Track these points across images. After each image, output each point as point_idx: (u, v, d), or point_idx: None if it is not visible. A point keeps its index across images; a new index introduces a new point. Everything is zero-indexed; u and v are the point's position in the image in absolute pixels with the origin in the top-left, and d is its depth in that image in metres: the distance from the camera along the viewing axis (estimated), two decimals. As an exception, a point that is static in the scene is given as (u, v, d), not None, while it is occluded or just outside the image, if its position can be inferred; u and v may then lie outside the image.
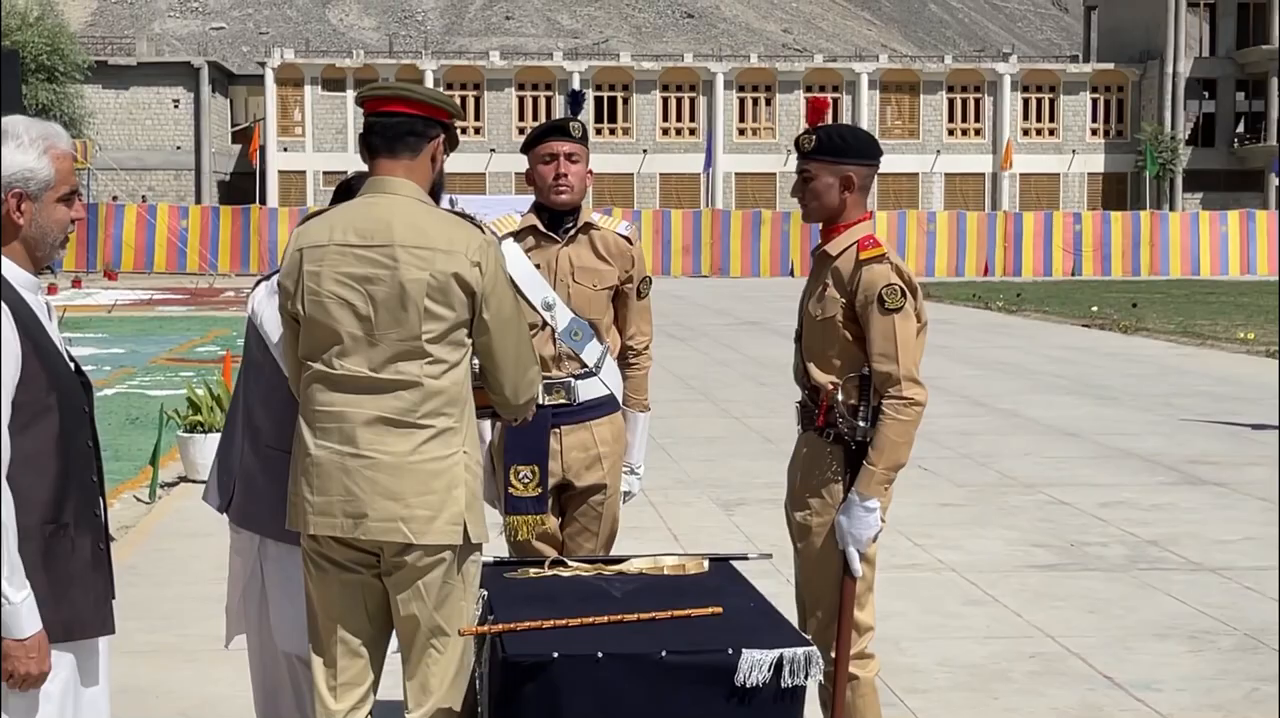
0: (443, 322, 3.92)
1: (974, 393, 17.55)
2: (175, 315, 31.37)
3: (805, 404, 4.76)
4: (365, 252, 3.95)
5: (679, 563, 4.66)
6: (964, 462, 12.50)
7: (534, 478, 5.24)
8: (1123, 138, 74.95)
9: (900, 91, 74.81)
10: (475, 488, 4.01)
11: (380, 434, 3.94)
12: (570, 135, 5.29)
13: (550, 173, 5.27)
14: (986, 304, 35.65)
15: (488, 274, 3.95)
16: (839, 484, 4.66)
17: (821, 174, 4.68)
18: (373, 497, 3.94)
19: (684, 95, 73.71)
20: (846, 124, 4.98)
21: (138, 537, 9.49)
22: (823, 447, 4.68)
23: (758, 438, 13.39)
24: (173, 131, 72.32)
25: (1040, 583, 8.29)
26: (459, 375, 3.98)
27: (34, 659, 3.37)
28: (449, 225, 3.98)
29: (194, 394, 11.41)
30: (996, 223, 56.38)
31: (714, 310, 33.96)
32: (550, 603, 4.19)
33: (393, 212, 3.98)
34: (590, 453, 5.33)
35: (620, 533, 5.64)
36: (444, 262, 3.91)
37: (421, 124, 4.04)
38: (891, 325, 4.56)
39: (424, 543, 3.95)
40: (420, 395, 3.94)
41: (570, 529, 5.40)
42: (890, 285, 4.55)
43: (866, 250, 4.62)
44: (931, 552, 9.02)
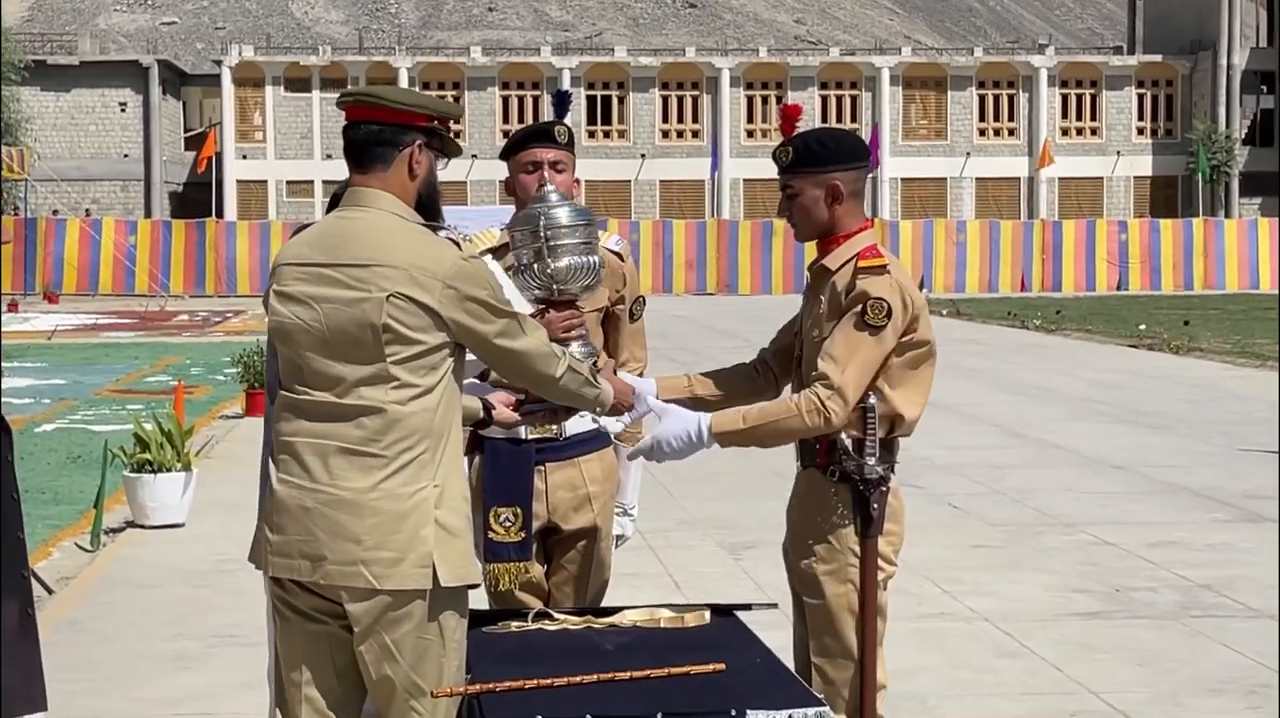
0: (411, 345, 3.97)
1: (1008, 422, 17.58)
2: (123, 342, 31.40)
3: (804, 439, 4.76)
4: (329, 270, 4.03)
5: (677, 615, 4.67)
6: (997, 498, 12.51)
7: (516, 521, 5.25)
8: (1172, 137, 75.11)
9: (925, 88, 75.00)
10: (454, 525, 4.01)
11: (341, 467, 3.98)
12: (555, 141, 5.31)
13: (533, 183, 5.28)
14: (1023, 323, 35.69)
15: (464, 296, 3.99)
16: (848, 528, 4.68)
17: (806, 188, 4.71)
18: (332, 537, 3.97)
19: (686, 94, 73.87)
20: (824, 127, 5.01)
21: (79, 589, 9.49)
22: (826, 486, 4.70)
23: (769, 473, 13.37)
24: (119, 138, 72.46)
25: (1082, 633, 8.29)
26: (431, 402, 4.00)
27: None
28: (422, 243, 4.02)
29: (141, 430, 11.42)
30: (1033, 232, 56.48)
31: (720, 332, 34.01)
32: (534, 661, 4.19)
33: (363, 228, 4.06)
34: (579, 493, 5.34)
35: (614, 581, 5.65)
36: (409, 282, 3.96)
37: (391, 131, 4.09)
38: (859, 341, 4.57)
39: (388, 588, 3.95)
40: (383, 423, 3.97)
41: (557, 578, 5.41)
42: (878, 301, 4.57)
43: (866, 260, 4.65)
44: (961, 599, 9.02)
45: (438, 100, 4.22)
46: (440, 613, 4.02)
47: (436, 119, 4.15)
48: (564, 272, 4.65)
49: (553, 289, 4.68)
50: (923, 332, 4.69)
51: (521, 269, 4.70)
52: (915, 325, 4.66)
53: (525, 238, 4.69)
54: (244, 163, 70.86)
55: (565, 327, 4.68)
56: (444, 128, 4.15)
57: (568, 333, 4.68)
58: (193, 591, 9.42)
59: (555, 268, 4.64)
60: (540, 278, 4.67)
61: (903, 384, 4.68)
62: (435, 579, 3.96)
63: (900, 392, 4.67)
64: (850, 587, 4.69)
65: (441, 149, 4.16)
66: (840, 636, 4.71)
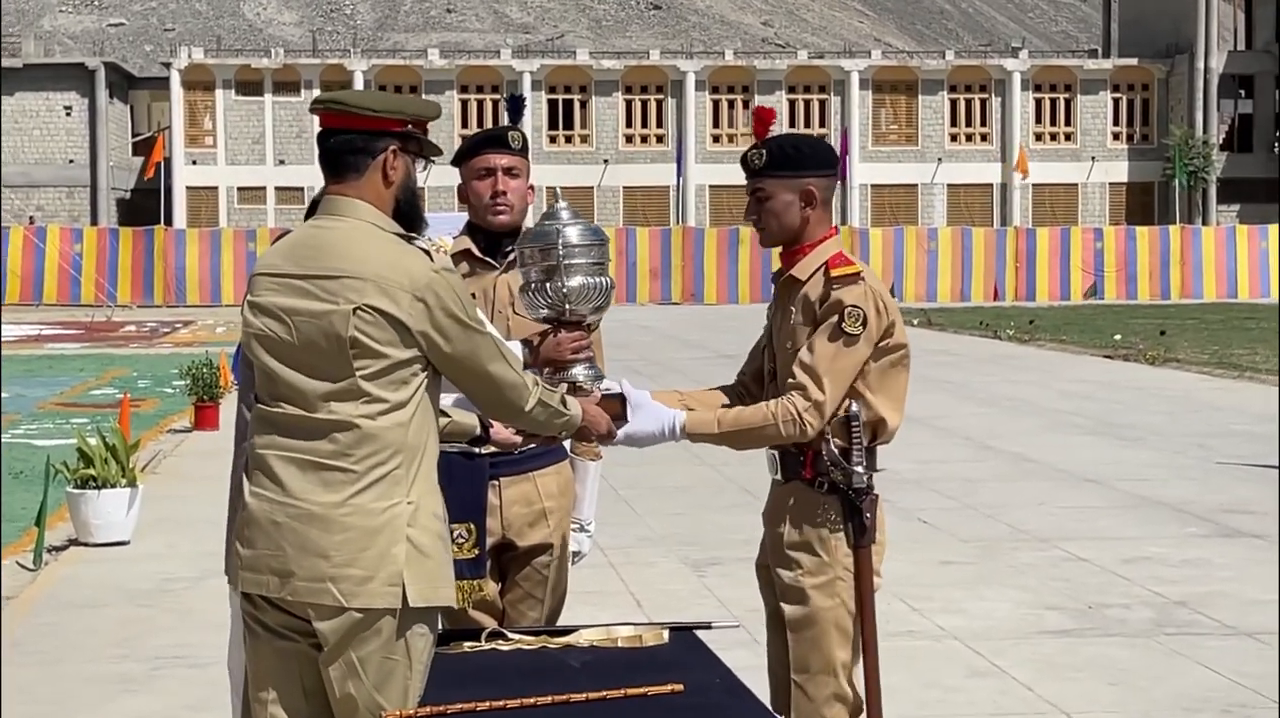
0: (380, 359, 3.97)
1: (980, 435, 17.62)
2: (68, 354, 31.29)
3: (786, 451, 4.79)
4: (300, 281, 4.04)
5: (635, 634, 4.66)
6: (968, 513, 12.54)
7: (470, 537, 5.23)
8: (1148, 143, 75.49)
9: (896, 92, 75.24)
10: (426, 544, 4.01)
11: (312, 482, 3.99)
12: (509, 147, 5.32)
13: (486, 190, 5.29)
14: (995, 333, 35.81)
15: (435, 309, 3.99)
16: (838, 538, 4.71)
17: (779, 191, 4.75)
18: (300, 553, 3.97)
19: (650, 98, 73.94)
20: (796, 133, 5.07)
21: (21, 609, 9.44)
22: (815, 497, 4.72)
23: (734, 488, 13.40)
24: (64, 143, 72.17)
25: (1054, 651, 8.31)
26: (404, 417, 4.00)
27: None
28: (392, 253, 4.02)
29: (85, 444, 11.37)
30: (1006, 240, 56.73)
31: (685, 343, 34.04)
32: (487, 682, 4.18)
33: (335, 237, 4.07)
34: (534, 508, 5.33)
35: (573, 599, 5.66)
36: (377, 293, 3.96)
37: (364, 139, 4.09)
38: (835, 352, 4.63)
39: (356, 607, 3.95)
40: (354, 438, 3.98)
41: (512, 596, 5.40)
42: (854, 309, 4.62)
43: (838, 268, 4.69)
44: (931, 617, 9.04)
45: (413, 101, 4.20)
46: (408, 633, 4.02)
47: (411, 122, 4.13)
48: (576, 292, 4.66)
49: (563, 309, 4.69)
50: (898, 336, 4.76)
51: (531, 288, 4.70)
52: (891, 330, 4.72)
53: (535, 256, 4.68)
54: (194, 168, 70.65)
55: (574, 348, 4.70)
56: (420, 130, 4.14)
57: (576, 354, 4.71)
58: (138, 610, 9.38)
59: (568, 288, 4.65)
60: (551, 297, 4.67)
61: (883, 390, 4.74)
62: (405, 599, 3.97)
63: (881, 397, 4.73)
64: (839, 600, 4.72)
65: (419, 152, 4.15)
66: (824, 651, 4.74)
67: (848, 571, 4.71)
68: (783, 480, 4.83)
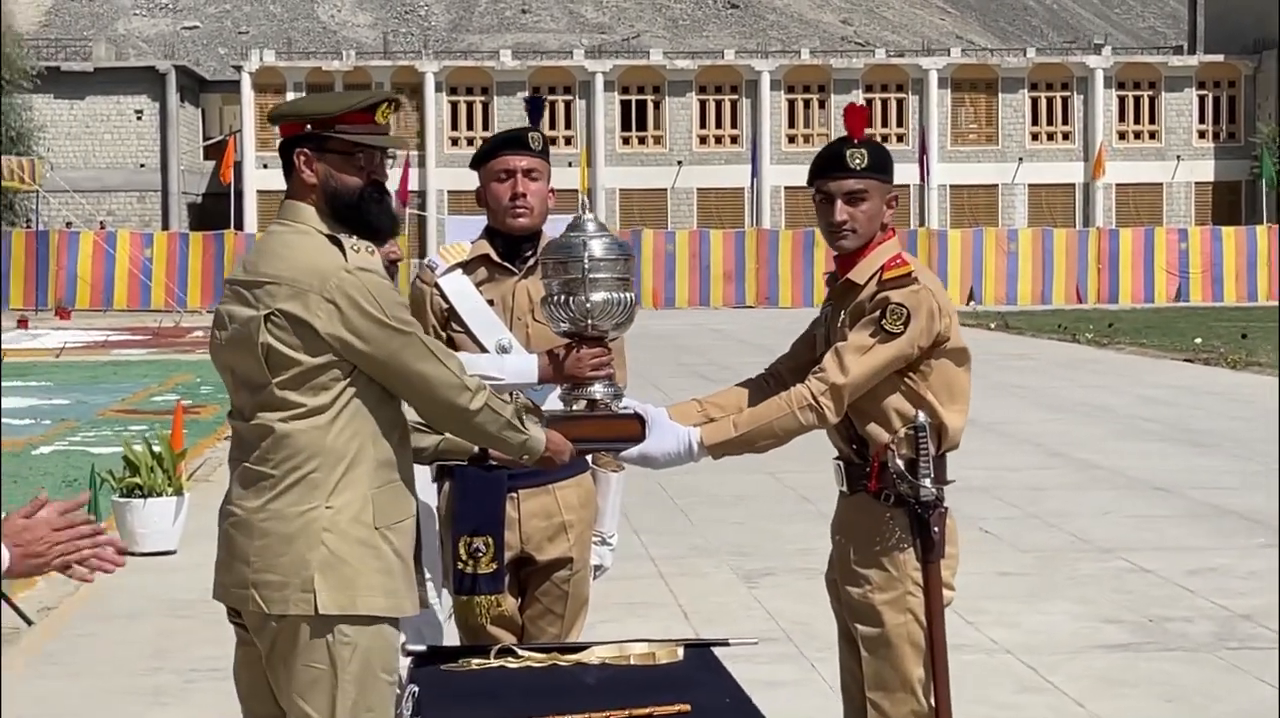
0: (292, 366, 3.99)
1: (1050, 441, 17.44)
2: (133, 359, 31.46)
3: (850, 462, 4.76)
4: (241, 288, 4.10)
5: (648, 651, 4.62)
6: (1031, 522, 12.39)
7: (488, 552, 5.18)
8: (1235, 140, 74.74)
9: (975, 90, 74.83)
10: (345, 551, 3.99)
11: (243, 489, 4.06)
12: (529, 148, 5.27)
13: (505, 192, 5.24)
14: (1074, 336, 35.50)
15: (347, 310, 3.98)
16: (906, 553, 4.68)
17: (874, 195, 4.76)
18: (230, 558, 4.07)
19: (725, 98, 73.85)
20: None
21: (59, 619, 9.46)
22: (881, 511, 4.69)
23: (793, 497, 13.31)
24: (135, 147, 72.79)
25: (1110, 666, 8.19)
26: (322, 422, 4.01)
27: None
28: (310, 255, 4.03)
29: (131, 453, 11.38)
30: (1088, 241, 56.25)
31: (757, 347, 33.91)
32: (491, 700, 4.15)
33: (271, 242, 4.14)
34: (553, 521, 5.28)
35: (620, 611, 5.62)
36: (289, 297, 3.98)
37: (284, 145, 4.17)
38: (870, 345, 4.60)
39: (275, 613, 3.99)
40: (272, 443, 4.02)
41: (531, 611, 5.35)
42: (897, 307, 4.57)
43: (891, 270, 4.69)
44: (984, 630, 8.92)
45: (314, 100, 4.21)
46: (331, 642, 4.00)
47: (310, 123, 4.14)
48: (599, 307, 4.61)
49: (585, 324, 4.63)
50: (955, 338, 4.72)
51: (552, 301, 4.65)
52: (948, 333, 4.69)
53: (557, 268, 4.63)
54: (265, 172, 70.98)
55: (595, 364, 4.64)
56: (328, 127, 4.12)
57: (596, 371, 4.65)
58: (177, 621, 9.37)
59: (591, 302, 4.59)
60: (573, 311, 4.62)
61: (945, 395, 4.71)
62: (319, 607, 3.98)
63: (944, 402, 4.70)
64: (910, 616, 4.69)
65: (345, 149, 4.12)
66: (900, 669, 4.71)
67: (917, 585, 4.70)
68: (848, 493, 4.81)
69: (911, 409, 4.65)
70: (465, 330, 5.22)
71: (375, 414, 4.07)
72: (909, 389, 4.68)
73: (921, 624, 4.69)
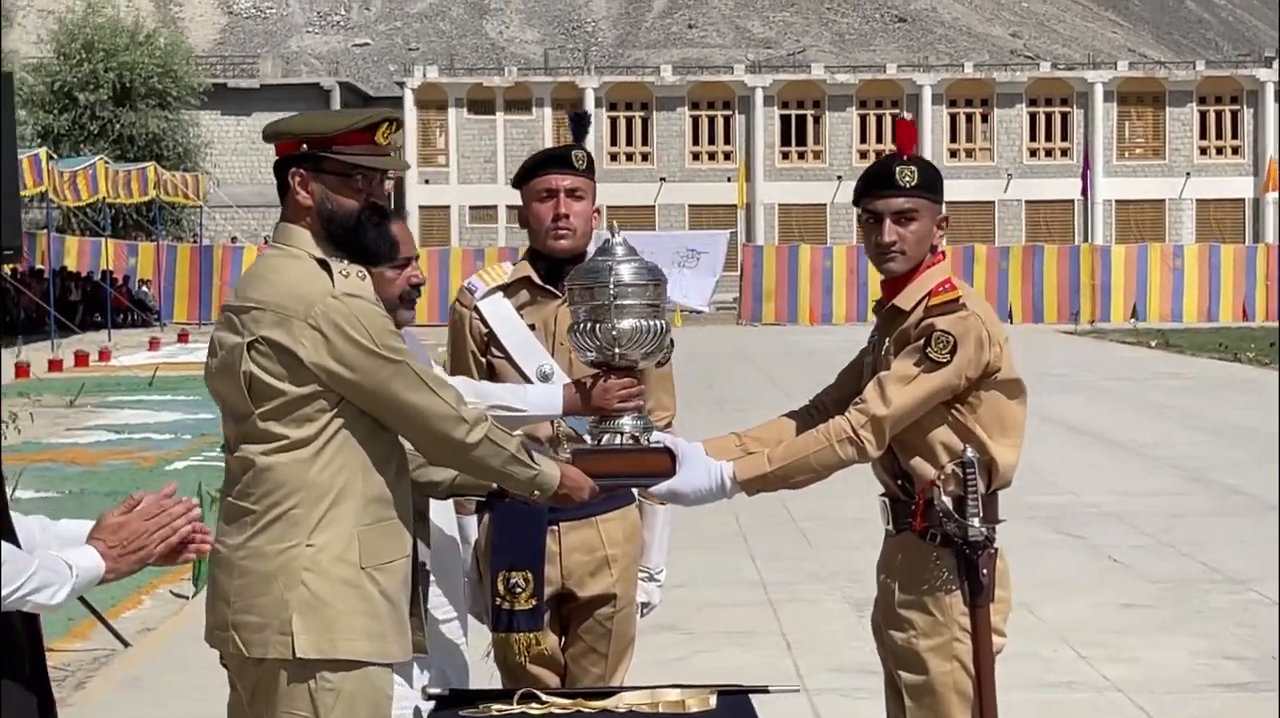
0: (276, 396, 3.81)
1: (1192, 465, 16.87)
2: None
3: (896, 499, 4.52)
4: (232, 314, 3.93)
5: (679, 698, 4.36)
6: (1164, 551, 11.94)
7: (527, 587, 4.96)
8: None
9: (1142, 104, 73.66)
10: (326, 591, 3.80)
11: (226, 525, 3.90)
12: (572, 166, 5.05)
13: (547, 213, 5.02)
14: (1235, 356, 34.62)
15: (333, 338, 3.79)
16: (952, 596, 4.44)
17: (925, 214, 4.51)
18: (213, 598, 3.91)
19: (885, 112, 73.35)
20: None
21: (156, 641, 9.38)
22: (927, 551, 4.46)
23: (919, 520, 13.00)
24: (300, 162, 73.67)
25: (1224, 706, 7.83)
26: (305, 454, 3.81)
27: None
28: (297, 280, 3.85)
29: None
30: (1257, 258, 54.94)
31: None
32: (500, 750, 3.92)
33: (261, 266, 3.96)
34: (596, 555, 5.05)
35: (721, 639, 5.39)
36: (273, 324, 3.80)
37: (279, 166, 3.99)
38: (914, 375, 4.35)
39: (254, 657, 3.82)
40: (252, 477, 3.83)
41: (574, 650, 5.12)
42: (943, 334, 4.29)
43: (939, 295, 4.42)
44: (1096, 666, 8.56)
45: (311, 119, 4.03)
46: (314, 688, 3.82)
47: (306, 142, 3.94)
48: (627, 335, 4.38)
49: (613, 353, 4.41)
50: (1007, 368, 4.47)
51: (579, 328, 4.43)
52: (999, 362, 4.44)
53: (584, 294, 4.41)
54: (426, 188, 71.64)
55: (623, 395, 4.42)
56: (325, 147, 3.92)
57: (625, 403, 4.43)
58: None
59: (618, 330, 4.37)
60: (599, 339, 4.40)
61: (996, 427, 4.46)
62: (298, 650, 3.80)
63: (994, 436, 4.45)
64: (956, 663, 4.45)
65: (341, 171, 3.94)
66: (953, 714, 4.44)
67: (965, 631, 4.44)
68: (894, 532, 4.58)
69: (959, 443, 4.38)
70: (505, 356, 5.01)
71: (366, 447, 3.87)
72: (956, 422, 4.40)
73: (969, 673, 4.41)
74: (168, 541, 3.45)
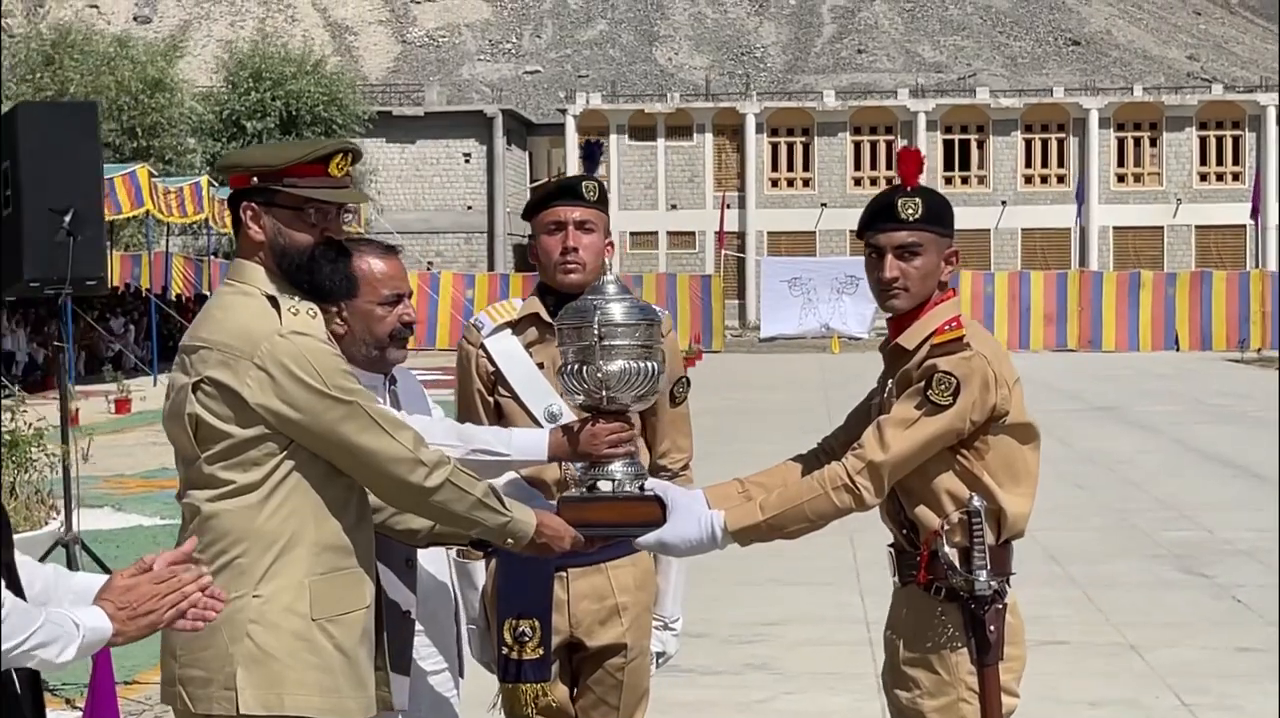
0: (221, 439, 3.65)
1: (1340, 499, 16.26)
2: (445, 399, 31.69)
3: (901, 550, 4.28)
4: (181, 353, 3.79)
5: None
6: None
7: (534, 635, 4.75)
8: None
9: (1318, 126, 72.01)
10: (273, 645, 3.64)
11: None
12: (582, 198, 4.84)
13: (556, 246, 4.81)
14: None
15: (280, 378, 3.62)
16: (959, 654, 4.17)
17: (931, 249, 4.25)
18: (163, 652, 3.78)
19: (1051, 136, 72.38)
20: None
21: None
22: (931, 606, 4.20)
23: (1039, 555, 12.62)
24: (463, 189, 74.23)
25: (1325, 763, 7.41)
26: (252, 500, 3.65)
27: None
28: (244, 318, 3.69)
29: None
30: None
31: (1061, 392, 32.83)
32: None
33: (212, 303, 3.82)
34: (606, 603, 4.83)
35: (808, 681, 5.16)
36: (218, 364, 3.64)
37: (231, 199, 3.85)
38: (914, 418, 4.08)
39: (200, 713, 3.67)
40: (198, 524, 3.68)
41: (584, 701, 4.90)
42: (944, 376, 4.03)
43: (942, 334, 4.16)
44: (1200, 713, 8.19)
45: (266, 150, 3.86)
46: None
47: (256, 174, 3.78)
48: (615, 378, 4.18)
49: (601, 397, 4.21)
50: (1017, 412, 4.20)
51: (567, 370, 4.24)
52: (1007, 405, 4.17)
53: (572, 334, 4.22)
54: (593, 214, 71.79)
55: (611, 440, 4.21)
56: (275, 179, 3.75)
57: (614, 448, 4.22)
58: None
59: (606, 372, 4.17)
60: (587, 382, 4.20)
61: (1005, 476, 4.19)
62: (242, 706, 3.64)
63: (1003, 483, 4.18)
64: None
65: (294, 205, 3.77)
66: None
67: (972, 691, 4.17)
68: (899, 584, 4.31)
69: (965, 491, 4.12)
70: (513, 396, 4.81)
71: (320, 492, 3.70)
72: (963, 469, 4.14)
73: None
74: (178, 606, 3.30)
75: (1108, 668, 9.20)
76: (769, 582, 11.64)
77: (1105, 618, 10.54)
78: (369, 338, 4.40)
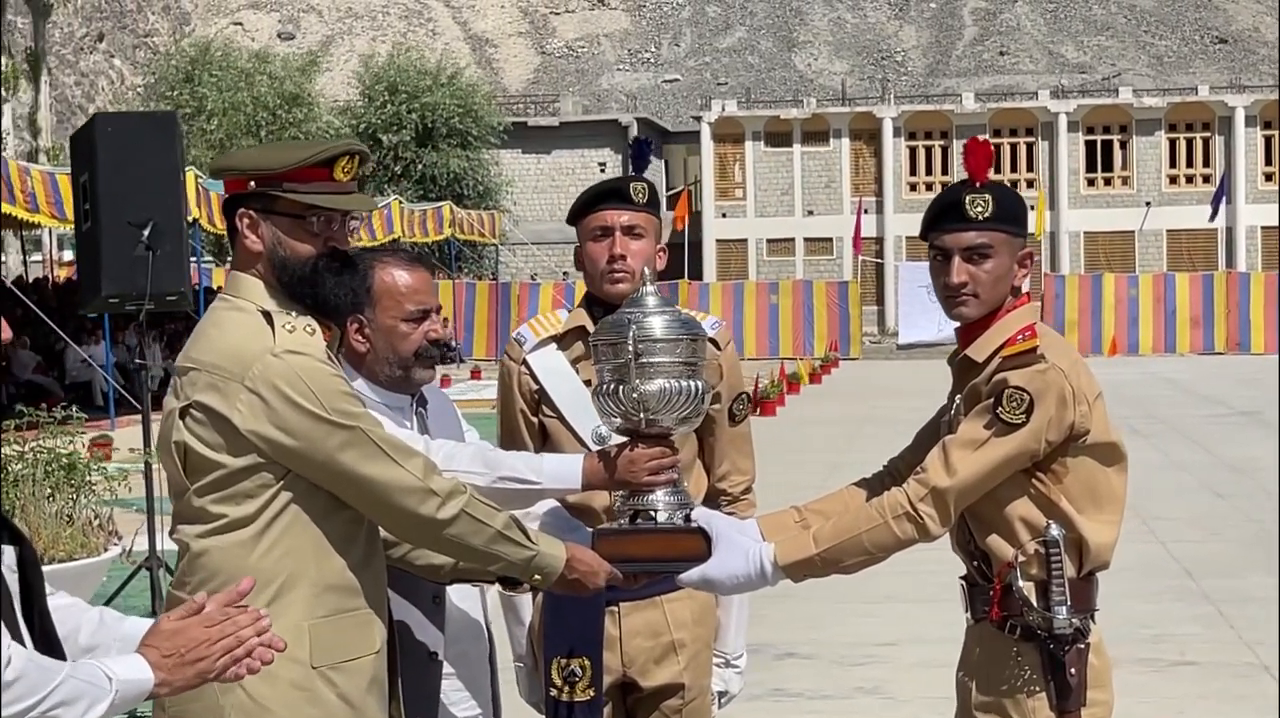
0: (211, 469, 3.31)
1: None
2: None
3: (973, 583, 3.88)
4: (175, 376, 3.46)
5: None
6: None
7: (584, 675, 4.39)
8: None
9: None
10: (266, 694, 3.31)
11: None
12: (631, 201, 4.46)
13: (602, 253, 4.44)
14: None
15: (273, 401, 3.28)
16: (1036, 698, 3.76)
17: (1003, 251, 3.84)
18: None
19: (1196, 135, 71.02)
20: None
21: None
22: (1005, 645, 3.79)
23: (1175, 569, 12.10)
24: (599, 199, 74.12)
25: None
26: (244, 537, 3.33)
27: None
28: (237, 337, 3.35)
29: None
30: None
31: (1203, 397, 32.01)
32: None
33: (205, 320, 3.48)
34: (661, 640, 4.46)
35: (927, 704, 4.79)
36: (206, 387, 3.31)
37: (227, 206, 3.47)
38: (984, 439, 3.66)
39: None
40: (188, 563, 3.37)
41: (640, 747, 4.52)
42: (1016, 392, 3.62)
43: (1014, 345, 3.74)
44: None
45: (265, 152, 3.49)
46: None
47: (255, 178, 3.42)
48: (654, 398, 3.81)
49: (639, 419, 3.83)
50: (1100, 431, 3.76)
51: (602, 391, 3.87)
52: (1087, 423, 3.73)
53: (608, 351, 3.86)
54: (723, 221, 71.37)
55: (652, 467, 3.84)
56: (275, 184, 3.40)
57: (655, 476, 3.84)
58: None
59: (643, 392, 3.80)
60: (623, 403, 3.83)
61: (1086, 501, 3.76)
62: None
63: (1085, 510, 3.76)
64: None
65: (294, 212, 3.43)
66: None
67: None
68: (972, 621, 3.90)
69: (1042, 519, 3.71)
70: (558, 416, 4.45)
71: (322, 526, 3.37)
72: (1038, 493, 3.73)
73: None
74: (232, 652, 2.92)
75: (1239, 690, 8.73)
76: (884, 599, 11.21)
77: (1238, 636, 10.04)
78: (393, 356, 4.06)
